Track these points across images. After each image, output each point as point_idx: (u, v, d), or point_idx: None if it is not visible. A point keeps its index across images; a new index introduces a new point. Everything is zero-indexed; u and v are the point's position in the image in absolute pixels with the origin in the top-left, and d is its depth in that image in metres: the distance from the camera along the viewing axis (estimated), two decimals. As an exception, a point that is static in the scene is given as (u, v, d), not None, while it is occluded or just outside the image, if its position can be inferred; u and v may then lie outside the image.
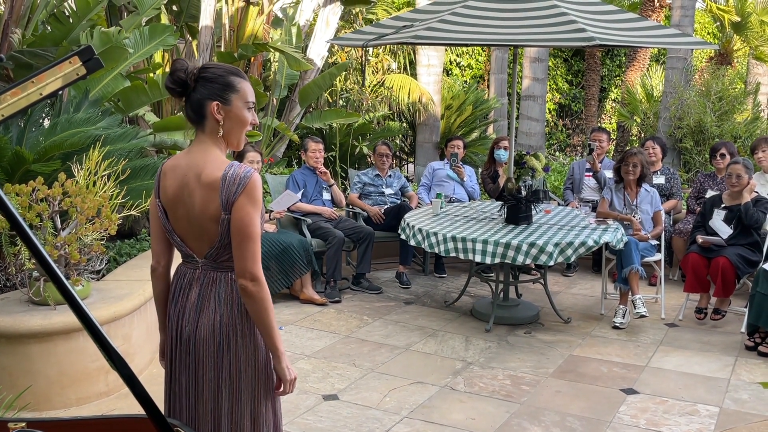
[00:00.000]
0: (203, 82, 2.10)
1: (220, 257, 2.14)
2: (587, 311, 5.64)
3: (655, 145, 6.61)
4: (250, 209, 2.06)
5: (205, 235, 2.13)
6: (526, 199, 5.28)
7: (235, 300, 2.14)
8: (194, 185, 2.10)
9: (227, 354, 2.14)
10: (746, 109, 9.27)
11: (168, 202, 2.18)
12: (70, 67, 1.16)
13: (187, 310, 2.19)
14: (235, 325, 2.14)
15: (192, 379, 2.19)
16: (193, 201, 2.11)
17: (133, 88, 5.54)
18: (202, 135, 2.14)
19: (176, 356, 2.22)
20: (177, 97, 2.13)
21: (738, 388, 4.17)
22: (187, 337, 2.18)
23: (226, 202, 2.06)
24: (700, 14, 13.74)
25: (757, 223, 5.22)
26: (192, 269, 2.21)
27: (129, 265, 4.84)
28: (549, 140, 13.36)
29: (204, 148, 2.13)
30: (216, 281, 2.16)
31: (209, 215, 2.09)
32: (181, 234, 2.18)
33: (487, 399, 4.00)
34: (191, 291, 2.19)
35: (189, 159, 2.15)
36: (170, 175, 2.17)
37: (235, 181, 2.05)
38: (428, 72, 8.94)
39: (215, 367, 2.15)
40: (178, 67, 2.09)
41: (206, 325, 2.14)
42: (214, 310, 2.14)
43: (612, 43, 4.75)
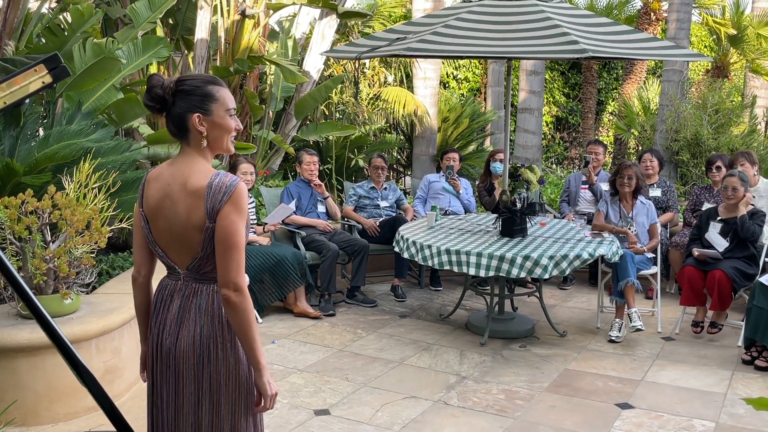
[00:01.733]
0: (181, 96, 2.08)
1: (203, 268, 2.12)
2: (583, 325, 5.60)
3: (652, 158, 6.59)
4: (235, 218, 2.04)
5: (187, 246, 2.10)
6: (521, 212, 5.26)
7: (216, 312, 2.11)
8: (178, 194, 2.09)
9: (207, 367, 2.11)
10: (743, 121, 9.28)
11: (150, 212, 2.16)
12: (36, 75, 1.14)
13: (167, 322, 2.16)
14: (215, 337, 2.11)
15: (173, 393, 2.17)
16: (177, 210, 2.09)
17: (126, 100, 5.52)
18: (186, 147, 2.13)
19: (157, 369, 2.19)
20: (157, 113, 2.11)
21: (734, 403, 4.12)
22: (167, 350, 2.15)
23: (211, 210, 2.04)
24: (696, 27, 13.79)
25: (753, 236, 5.19)
26: (174, 281, 2.19)
27: (120, 279, 4.80)
28: (546, 153, 13.35)
29: (189, 159, 2.12)
30: (197, 292, 2.13)
31: (193, 224, 2.07)
32: (163, 245, 2.17)
33: (480, 414, 3.96)
34: (172, 303, 2.17)
35: (173, 169, 2.13)
36: (153, 184, 2.16)
37: (220, 189, 2.04)
38: (425, 85, 8.94)
39: (195, 380, 2.13)
40: (155, 83, 2.07)
41: (186, 338, 2.12)
42: (194, 321, 2.11)
43: (605, 55, 4.74)
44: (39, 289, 3.80)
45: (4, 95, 1.14)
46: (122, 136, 6.02)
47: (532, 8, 5.05)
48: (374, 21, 10.40)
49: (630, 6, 13.30)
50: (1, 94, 1.13)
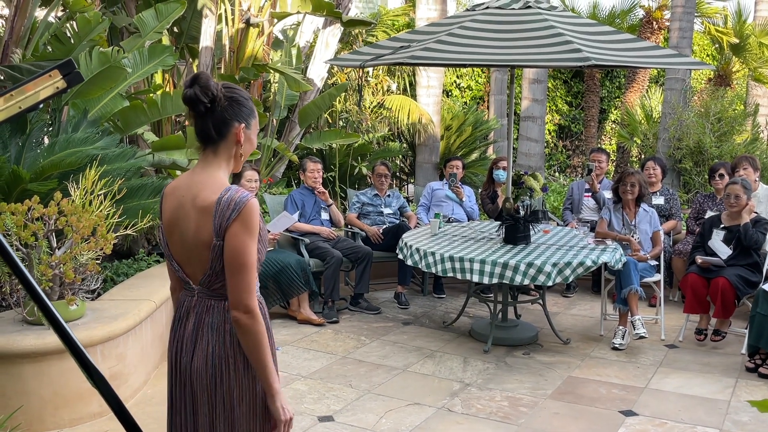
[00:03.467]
0: (232, 102, 2.05)
1: (213, 285, 2.06)
2: (586, 332, 5.60)
3: (655, 166, 6.61)
4: (244, 237, 1.97)
5: (198, 261, 2.06)
6: (525, 219, 5.27)
7: (228, 329, 2.05)
8: (189, 208, 2.05)
9: (220, 387, 2.06)
10: (745, 130, 9.29)
11: (166, 225, 2.13)
12: (51, 80, 1.16)
13: (184, 340, 2.11)
14: (227, 357, 2.05)
15: (190, 413, 2.13)
16: (188, 224, 2.05)
17: (132, 107, 5.56)
18: (211, 155, 2.07)
19: (175, 388, 2.16)
20: (197, 111, 2.02)
21: (738, 410, 4.12)
22: (184, 368, 2.11)
23: (218, 228, 1.98)
24: (698, 36, 13.82)
25: (756, 244, 5.20)
26: (189, 297, 2.13)
27: (125, 285, 4.82)
28: (549, 161, 13.37)
29: (208, 170, 2.06)
30: (210, 309, 2.08)
31: (202, 240, 2.02)
32: (178, 259, 2.12)
33: (484, 421, 3.96)
34: (188, 320, 2.12)
35: (190, 180, 2.09)
36: (169, 197, 2.12)
37: (229, 205, 1.97)
38: (428, 93, 8.98)
39: (209, 400, 2.07)
40: (207, 81, 2.01)
41: (200, 357, 2.07)
42: (207, 340, 2.06)
43: (608, 63, 4.77)
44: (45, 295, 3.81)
45: (20, 100, 1.16)
46: (127, 144, 6.05)
47: (536, 17, 5.07)
48: (378, 30, 10.45)
49: (632, 15, 13.34)
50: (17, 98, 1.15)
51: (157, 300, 4.55)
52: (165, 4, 6.04)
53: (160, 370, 4.59)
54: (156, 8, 6.00)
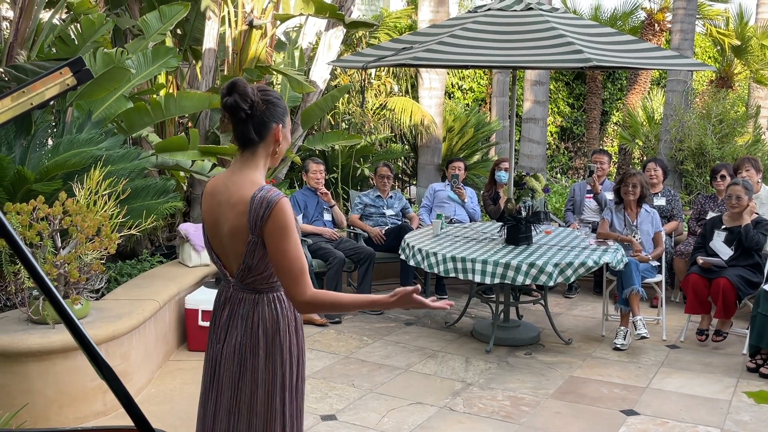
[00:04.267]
0: (268, 105, 2.15)
1: (245, 278, 2.17)
2: (588, 332, 5.61)
3: (656, 167, 6.62)
4: (279, 235, 2.06)
5: (234, 255, 2.17)
6: (526, 220, 5.29)
7: (255, 321, 2.17)
8: (225, 206, 2.15)
9: (244, 374, 2.17)
10: (747, 131, 9.31)
11: (207, 219, 2.24)
12: (61, 77, 1.19)
13: (219, 328, 2.24)
14: (252, 347, 2.17)
15: (217, 399, 2.24)
16: (225, 222, 2.16)
17: (136, 109, 5.58)
18: (249, 156, 2.17)
19: (208, 373, 2.27)
20: (238, 117, 2.11)
21: (740, 410, 4.13)
22: (215, 355, 2.23)
23: (253, 226, 2.08)
24: (700, 38, 13.84)
25: (757, 245, 5.21)
26: (226, 288, 2.26)
27: (129, 285, 4.85)
28: (551, 163, 13.39)
29: (246, 170, 2.16)
30: (241, 301, 2.20)
31: (238, 237, 2.12)
32: (217, 253, 2.25)
33: (486, 420, 3.98)
34: (224, 310, 2.24)
35: (228, 180, 2.18)
36: (210, 193, 2.24)
37: (262, 204, 2.06)
38: (430, 95, 9.01)
39: (232, 386, 2.19)
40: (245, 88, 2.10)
41: (230, 345, 2.19)
42: (236, 330, 2.18)
43: (610, 64, 4.79)
44: (49, 295, 3.84)
45: (31, 96, 1.19)
46: (130, 145, 6.07)
47: (537, 18, 5.10)
48: (380, 32, 10.48)
49: (634, 17, 13.37)
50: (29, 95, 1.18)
51: (161, 300, 4.58)
52: (168, 6, 6.07)
53: (163, 369, 4.62)
54: (160, 10, 6.03)
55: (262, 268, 2.14)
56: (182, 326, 5.02)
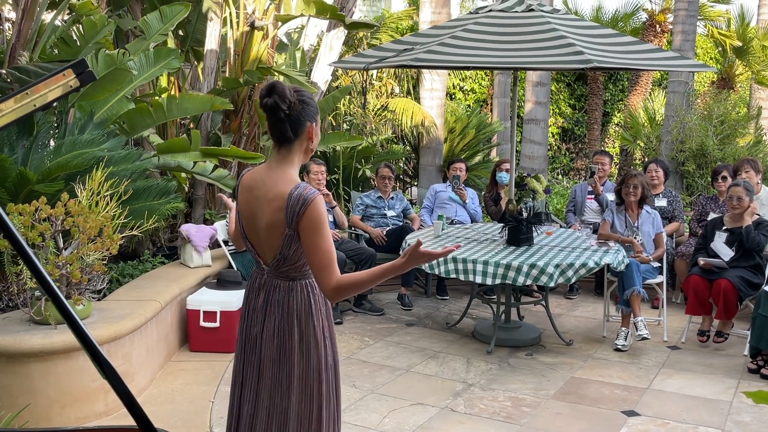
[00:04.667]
0: (303, 105, 2.32)
1: (281, 267, 2.35)
2: (589, 333, 5.62)
3: (658, 168, 6.63)
4: (313, 229, 2.23)
5: (270, 246, 2.34)
6: (527, 221, 5.30)
7: (292, 306, 2.35)
8: (263, 201, 2.32)
9: (284, 356, 2.35)
10: (748, 133, 9.31)
11: (243, 211, 2.41)
12: (64, 79, 1.20)
13: (255, 312, 2.41)
14: (291, 330, 2.34)
15: (255, 376, 2.40)
16: (262, 215, 2.32)
17: (137, 110, 5.60)
18: (285, 152, 2.34)
19: (244, 354, 2.43)
20: (275, 117, 2.28)
21: (741, 411, 4.13)
22: (254, 337, 2.40)
23: (290, 220, 2.25)
24: (701, 39, 13.84)
25: (758, 246, 5.21)
26: (260, 275, 2.44)
27: (130, 286, 4.86)
28: (552, 164, 13.39)
29: (282, 167, 2.34)
30: (277, 288, 2.37)
31: (275, 230, 2.29)
32: (252, 242, 2.41)
33: (487, 420, 3.98)
34: (259, 295, 2.42)
35: (265, 176, 2.35)
36: (246, 186, 2.39)
37: (298, 201, 2.24)
38: (431, 96, 9.01)
39: (272, 366, 2.37)
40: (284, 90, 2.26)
41: (269, 328, 2.37)
42: (274, 314, 2.36)
43: (610, 65, 4.79)
44: (52, 295, 3.85)
45: (34, 98, 1.19)
46: (131, 146, 6.09)
47: (539, 20, 5.11)
48: (381, 33, 10.49)
49: (635, 18, 13.37)
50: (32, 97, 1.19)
51: (163, 300, 4.59)
52: (169, 7, 6.08)
53: (165, 369, 4.63)
54: (161, 11, 6.04)
55: (296, 258, 2.32)
56: (184, 327, 5.03)
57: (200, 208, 6.85)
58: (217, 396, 4.24)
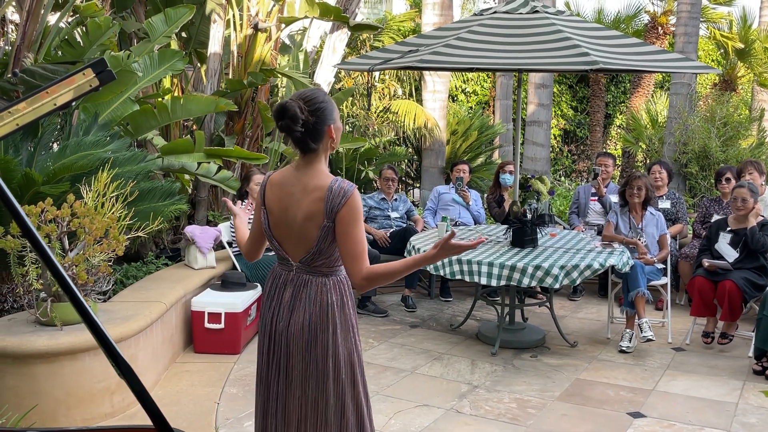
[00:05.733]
0: (316, 114, 2.35)
1: (314, 262, 2.40)
2: (593, 335, 5.61)
3: (661, 170, 6.63)
4: (351, 220, 2.32)
5: (304, 241, 2.39)
6: (532, 222, 5.30)
7: (325, 300, 2.40)
8: (300, 195, 2.37)
9: (314, 349, 2.39)
10: (751, 134, 9.32)
11: (272, 210, 2.45)
12: (84, 78, 1.20)
13: (281, 308, 2.45)
14: (322, 324, 2.39)
15: (283, 370, 2.44)
16: (299, 209, 2.37)
17: (142, 112, 5.60)
18: (312, 155, 2.41)
19: (271, 349, 2.47)
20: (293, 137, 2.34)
21: (746, 412, 4.13)
22: (280, 332, 2.44)
23: (330, 212, 2.32)
24: (703, 41, 13.85)
25: (763, 248, 5.21)
26: (286, 271, 2.47)
27: (135, 287, 4.86)
28: (554, 166, 13.39)
29: (314, 164, 2.40)
30: (307, 283, 2.42)
31: (313, 222, 2.35)
32: (280, 239, 2.45)
33: (493, 422, 3.98)
34: (285, 291, 2.45)
35: (298, 173, 2.42)
36: (277, 187, 2.45)
37: (339, 193, 2.32)
38: (434, 98, 9.02)
39: (303, 360, 2.40)
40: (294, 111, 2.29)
41: (297, 323, 2.40)
42: (304, 309, 2.40)
43: (615, 67, 4.80)
44: (57, 297, 3.86)
45: (54, 97, 1.20)
46: (135, 148, 6.09)
47: (543, 21, 5.11)
48: (384, 35, 10.50)
49: (637, 20, 13.38)
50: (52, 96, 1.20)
51: (168, 302, 4.59)
52: (174, 9, 6.09)
53: (170, 371, 4.63)
54: (165, 13, 6.05)
55: (331, 252, 2.38)
56: (188, 328, 5.03)
57: (203, 209, 6.85)
58: (222, 397, 4.24)
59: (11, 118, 1.16)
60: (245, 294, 5.11)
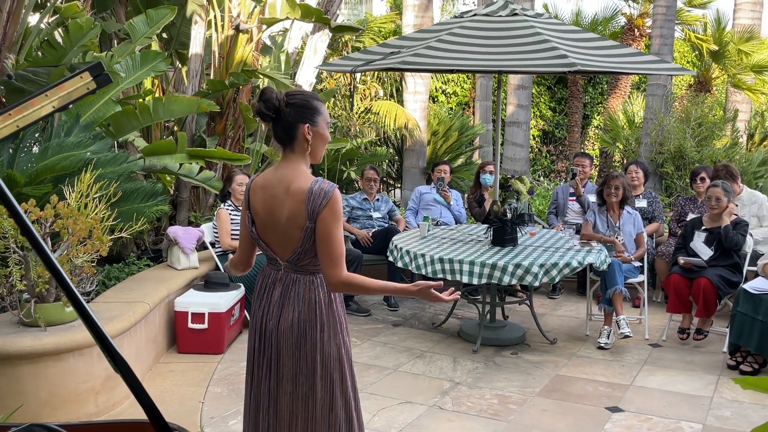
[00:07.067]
0: (293, 108, 2.40)
1: (301, 261, 2.44)
2: (572, 332, 5.71)
3: (638, 170, 6.75)
4: (331, 221, 2.36)
5: (289, 242, 2.42)
6: (512, 222, 5.38)
7: (313, 298, 2.44)
8: (283, 197, 2.42)
9: (304, 345, 2.43)
10: (725, 135, 9.50)
11: (256, 213, 2.49)
12: (82, 81, 1.24)
13: (271, 306, 2.49)
14: (311, 321, 2.43)
15: (274, 367, 2.48)
16: (282, 211, 2.41)
17: (123, 113, 5.60)
18: (291, 154, 2.45)
19: (261, 346, 2.51)
20: (268, 122, 2.41)
21: (721, 406, 4.24)
22: (270, 330, 2.47)
23: (311, 213, 2.36)
24: (679, 43, 14.06)
25: (736, 246, 5.34)
26: (275, 270, 2.51)
27: (119, 288, 4.87)
28: (533, 166, 13.53)
29: (292, 165, 2.44)
30: (296, 282, 2.46)
31: (295, 223, 2.38)
32: (267, 240, 2.49)
33: (474, 418, 4.05)
34: (275, 290, 2.49)
35: (278, 175, 2.45)
36: (260, 190, 2.48)
37: (320, 194, 2.36)
38: (414, 99, 9.09)
39: (293, 356, 2.44)
40: (269, 95, 2.37)
41: (287, 320, 2.44)
42: (293, 307, 2.44)
43: (593, 69, 4.89)
44: (41, 297, 3.86)
45: (54, 99, 1.24)
46: (116, 149, 6.09)
47: (522, 23, 5.20)
48: (365, 36, 10.56)
49: (614, 22, 13.56)
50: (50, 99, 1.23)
51: (151, 302, 4.60)
52: (155, 10, 6.10)
53: (154, 371, 4.64)
54: (147, 14, 6.05)
55: (316, 251, 2.41)
56: (172, 329, 5.04)
57: (185, 210, 6.85)
58: (207, 396, 4.26)
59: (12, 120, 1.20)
60: (228, 294, 5.13)
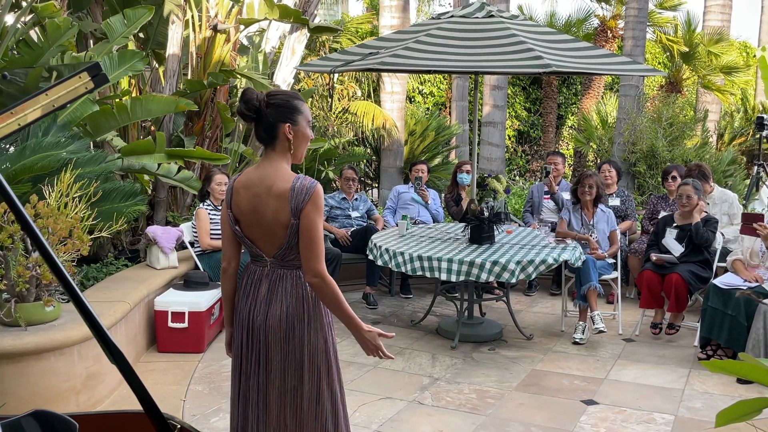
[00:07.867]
0: (274, 108, 2.45)
1: (287, 257, 2.49)
2: (548, 328, 5.82)
3: (611, 169, 6.88)
4: (314, 215, 2.42)
5: (274, 239, 2.47)
6: (489, 220, 5.47)
7: (300, 293, 2.50)
8: (266, 196, 2.45)
9: (292, 340, 2.49)
10: (696, 134, 9.70)
11: (240, 212, 2.52)
12: (80, 81, 1.28)
13: (258, 302, 2.53)
14: (299, 315, 2.49)
15: (263, 362, 2.52)
16: (266, 209, 2.45)
17: (101, 112, 5.59)
18: (272, 153, 2.49)
19: (248, 342, 2.55)
20: (249, 122, 2.46)
21: (692, 398, 4.36)
22: (258, 325, 2.52)
23: (295, 209, 2.41)
24: (650, 45, 14.30)
25: (707, 242, 5.48)
26: (261, 267, 2.56)
27: (98, 287, 4.87)
28: (509, 165, 13.68)
29: (274, 165, 2.48)
30: (283, 277, 2.51)
31: (279, 221, 2.43)
32: (252, 238, 2.54)
33: (454, 412, 4.12)
34: (261, 286, 2.54)
35: (260, 174, 2.49)
36: (243, 189, 2.51)
37: (302, 191, 2.41)
38: (392, 99, 9.16)
39: (282, 351, 2.50)
40: (250, 96, 2.43)
41: (274, 316, 2.49)
42: (281, 302, 2.49)
43: (567, 69, 5.00)
44: (21, 297, 3.86)
45: (52, 99, 1.28)
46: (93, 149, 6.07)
47: (498, 25, 5.29)
48: (342, 37, 10.60)
49: (588, 24, 13.75)
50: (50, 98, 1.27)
51: (131, 302, 4.61)
52: (133, 10, 6.08)
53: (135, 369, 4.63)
54: (124, 13, 6.04)
55: None
56: (152, 328, 5.05)
57: (162, 210, 6.84)
58: (188, 395, 4.29)
59: (13, 119, 1.23)
60: (208, 293, 5.15)
